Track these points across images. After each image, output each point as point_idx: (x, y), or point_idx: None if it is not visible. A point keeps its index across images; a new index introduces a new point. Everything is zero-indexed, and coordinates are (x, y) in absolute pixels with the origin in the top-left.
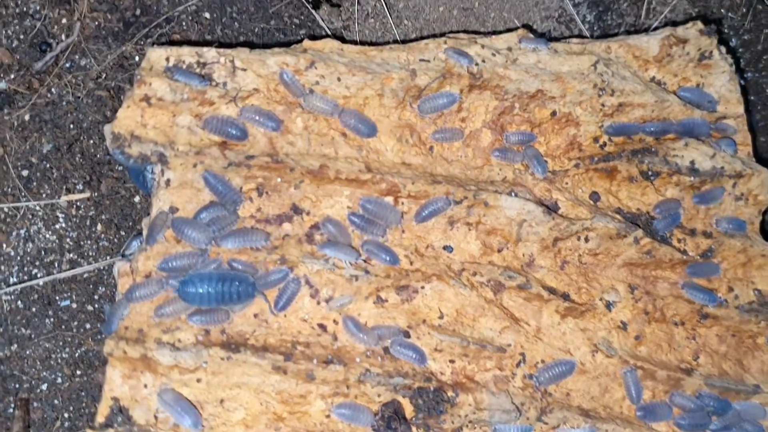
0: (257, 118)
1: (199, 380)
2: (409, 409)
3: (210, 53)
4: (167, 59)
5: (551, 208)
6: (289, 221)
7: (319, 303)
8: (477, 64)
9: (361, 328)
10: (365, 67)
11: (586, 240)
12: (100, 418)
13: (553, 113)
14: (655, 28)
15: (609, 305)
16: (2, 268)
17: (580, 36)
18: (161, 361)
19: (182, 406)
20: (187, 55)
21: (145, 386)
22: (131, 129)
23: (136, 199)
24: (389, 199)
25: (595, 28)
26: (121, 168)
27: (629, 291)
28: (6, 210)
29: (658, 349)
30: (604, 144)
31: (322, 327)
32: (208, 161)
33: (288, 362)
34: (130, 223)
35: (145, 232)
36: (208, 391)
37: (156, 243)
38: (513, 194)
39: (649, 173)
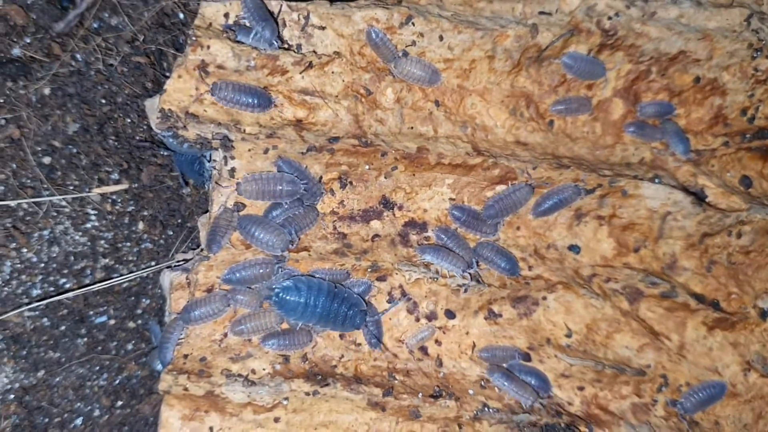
0: (233, 96)
1: (277, 420)
2: None
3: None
4: (226, 15)
5: (700, 197)
6: (378, 218)
7: (418, 320)
8: (610, 18)
9: (515, 380)
10: (473, 22)
11: (738, 236)
12: None
13: (696, 79)
14: None
15: (764, 313)
16: (23, 278)
17: None
18: (232, 399)
19: None
20: None
21: (210, 430)
22: (185, 105)
23: (186, 190)
24: (502, 189)
25: None
26: (166, 153)
27: None
28: (25, 207)
29: None
30: (752, 117)
31: (423, 350)
32: (283, 145)
33: (387, 397)
34: (179, 220)
35: (203, 235)
36: None
37: (221, 249)
38: (657, 180)
39: None
